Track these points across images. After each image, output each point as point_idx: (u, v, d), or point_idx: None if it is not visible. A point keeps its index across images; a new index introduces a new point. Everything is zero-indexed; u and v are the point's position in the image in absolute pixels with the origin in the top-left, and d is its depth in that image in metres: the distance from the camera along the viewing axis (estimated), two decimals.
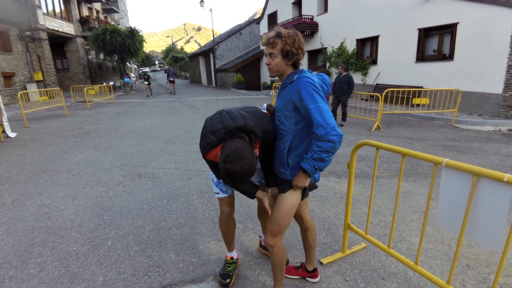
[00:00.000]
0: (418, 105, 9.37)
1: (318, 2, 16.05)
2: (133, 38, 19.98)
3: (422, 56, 10.55)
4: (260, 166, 1.85)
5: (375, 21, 12.23)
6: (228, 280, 2.00)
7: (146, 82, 18.73)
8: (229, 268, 2.08)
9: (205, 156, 1.61)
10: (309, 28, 16.26)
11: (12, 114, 10.44)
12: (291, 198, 1.65)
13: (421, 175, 4.09)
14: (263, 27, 22.94)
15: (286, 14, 19.40)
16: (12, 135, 7.02)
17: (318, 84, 1.54)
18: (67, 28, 19.32)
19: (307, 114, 1.49)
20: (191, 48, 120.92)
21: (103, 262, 2.31)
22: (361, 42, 13.45)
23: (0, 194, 3.70)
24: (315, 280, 2.04)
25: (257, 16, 30.99)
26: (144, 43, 21.98)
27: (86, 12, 23.03)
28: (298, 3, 18.12)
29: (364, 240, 2.46)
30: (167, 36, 69.43)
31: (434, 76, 10.04)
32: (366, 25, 12.76)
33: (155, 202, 3.38)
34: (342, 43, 14.44)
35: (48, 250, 2.48)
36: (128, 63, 28.83)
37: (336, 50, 14.92)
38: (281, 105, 1.63)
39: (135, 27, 20.73)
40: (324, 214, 3.04)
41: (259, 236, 2.61)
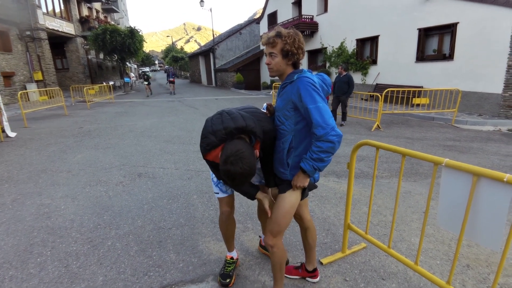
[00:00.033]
0: (418, 105, 9.38)
1: (318, 2, 16.05)
2: (133, 37, 19.98)
3: (422, 56, 10.55)
4: (260, 166, 1.85)
5: (375, 21, 12.23)
6: (228, 280, 2.01)
7: (146, 82, 18.59)
8: (229, 268, 2.08)
9: (205, 157, 1.61)
10: (309, 28, 16.26)
11: (12, 114, 10.44)
12: (290, 198, 1.65)
13: (421, 175, 4.09)
14: (263, 27, 22.93)
15: (286, 14, 19.39)
16: (12, 134, 7.02)
17: (318, 84, 1.54)
18: (67, 28, 19.31)
19: (306, 114, 1.49)
20: (191, 48, 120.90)
21: (103, 262, 2.31)
22: (361, 42, 13.44)
23: (0, 194, 3.70)
24: (315, 280, 2.04)
25: (257, 16, 30.96)
26: (144, 42, 21.99)
27: (86, 12, 23.02)
28: (298, 3, 18.11)
29: (364, 240, 2.46)
30: (167, 36, 69.47)
31: (434, 76, 10.04)
32: (366, 25, 12.76)
33: (155, 202, 3.38)
34: (342, 43, 14.44)
35: (48, 250, 2.48)
36: (128, 63, 28.83)
37: (336, 50, 14.92)
38: (281, 105, 1.63)
39: (135, 27, 20.74)
40: (324, 214, 3.04)
41: (259, 236, 2.61)
